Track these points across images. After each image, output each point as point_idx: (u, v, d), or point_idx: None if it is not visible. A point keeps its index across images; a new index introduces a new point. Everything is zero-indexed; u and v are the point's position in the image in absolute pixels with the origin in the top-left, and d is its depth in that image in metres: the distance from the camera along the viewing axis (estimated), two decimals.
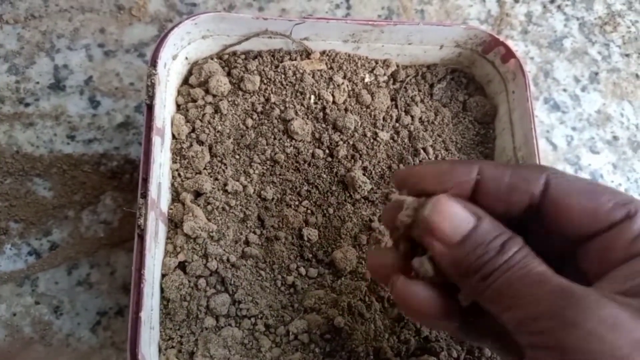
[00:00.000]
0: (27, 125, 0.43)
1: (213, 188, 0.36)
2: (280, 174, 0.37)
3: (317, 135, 0.38)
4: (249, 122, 0.38)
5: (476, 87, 0.42)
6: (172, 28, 0.33)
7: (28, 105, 0.44)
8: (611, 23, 0.55)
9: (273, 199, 0.37)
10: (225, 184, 0.36)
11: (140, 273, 0.29)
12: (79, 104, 0.44)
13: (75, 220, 0.41)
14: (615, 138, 0.51)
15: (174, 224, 0.35)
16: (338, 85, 0.38)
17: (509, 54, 0.38)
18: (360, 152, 0.38)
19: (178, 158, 0.36)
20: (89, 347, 0.39)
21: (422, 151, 0.39)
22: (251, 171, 0.37)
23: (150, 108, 0.32)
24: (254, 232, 0.36)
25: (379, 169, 0.38)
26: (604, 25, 0.55)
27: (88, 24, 0.47)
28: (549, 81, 0.52)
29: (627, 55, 0.54)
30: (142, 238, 0.30)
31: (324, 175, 0.38)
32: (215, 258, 0.34)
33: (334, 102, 0.39)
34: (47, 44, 0.46)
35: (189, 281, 0.34)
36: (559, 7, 0.55)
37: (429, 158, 0.39)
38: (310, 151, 0.38)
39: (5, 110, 0.44)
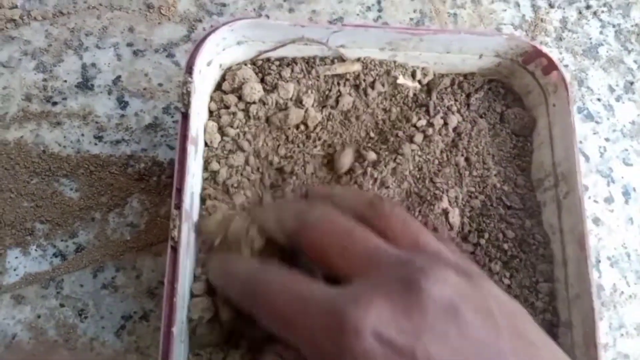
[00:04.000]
0: (54, 125, 0.43)
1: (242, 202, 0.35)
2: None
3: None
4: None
5: (514, 98, 0.41)
6: (209, 34, 0.33)
7: (56, 104, 0.43)
8: None
9: None
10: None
11: (172, 286, 0.29)
12: (107, 104, 0.44)
13: (101, 222, 0.41)
14: None
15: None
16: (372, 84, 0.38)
17: (551, 66, 0.37)
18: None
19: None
20: (113, 351, 0.39)
21: (463, 161, 0.38)
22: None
23: (185, 117, 0.31)
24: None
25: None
26: None
27: (117, 22, 0.46)
28: (583, 90, 0.51)
29: None
30: (175, 250, 0.29)
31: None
32: None
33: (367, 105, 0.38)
34: (75, 42, 0.45)
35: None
36: (594, 13, 0.53)
37: (467, 169, 0.38)
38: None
39: (32, 109, 0.43)
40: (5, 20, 0.45)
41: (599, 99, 0.51)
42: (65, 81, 0.44)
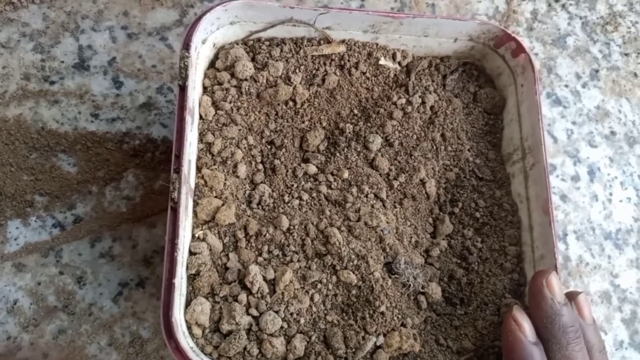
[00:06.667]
0: (52, 103, 0.45)
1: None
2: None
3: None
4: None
5: (486, 79, 0.44)
6: (205, 13, 0.35)
7: (53, 83, 0.45)
8: (612, 23, 0.57)
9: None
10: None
11: (173, 243, 0.31)
12: (102, 83, 0.46)
13: (98, 195, 0.43)
14: (613, 133, 0.53)
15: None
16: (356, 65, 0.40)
17: (519, 49, 0.40)
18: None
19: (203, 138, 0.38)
20: (111, 315, 0.41)
21: (439, 136, 0.41)
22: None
23: (183, 89, 0.34)
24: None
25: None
26: (606, 25, 0.57)
27: (112, 6, 0.48)
28: (552, 77, 0.54)
29: (626, 54, 0.56)
30: (175, 211, 0.32)
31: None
32: None
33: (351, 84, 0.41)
34: (72, 25, 0.47)
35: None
36: (563, 5, 0.57)
37: (442, 144, 0.41)
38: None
39: (30, 88, 0.45)
40: (4, 2, 0.47)
41: (566, 86, 0.54)
42: (63, 62, 0.46)
